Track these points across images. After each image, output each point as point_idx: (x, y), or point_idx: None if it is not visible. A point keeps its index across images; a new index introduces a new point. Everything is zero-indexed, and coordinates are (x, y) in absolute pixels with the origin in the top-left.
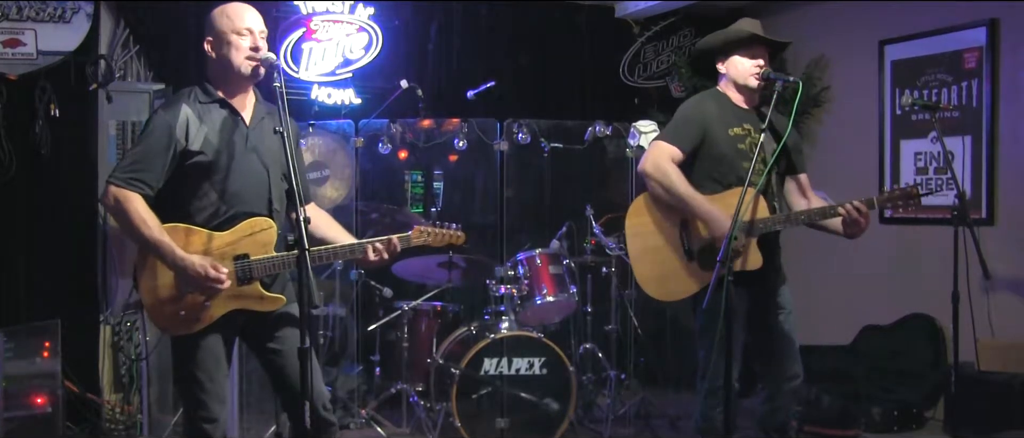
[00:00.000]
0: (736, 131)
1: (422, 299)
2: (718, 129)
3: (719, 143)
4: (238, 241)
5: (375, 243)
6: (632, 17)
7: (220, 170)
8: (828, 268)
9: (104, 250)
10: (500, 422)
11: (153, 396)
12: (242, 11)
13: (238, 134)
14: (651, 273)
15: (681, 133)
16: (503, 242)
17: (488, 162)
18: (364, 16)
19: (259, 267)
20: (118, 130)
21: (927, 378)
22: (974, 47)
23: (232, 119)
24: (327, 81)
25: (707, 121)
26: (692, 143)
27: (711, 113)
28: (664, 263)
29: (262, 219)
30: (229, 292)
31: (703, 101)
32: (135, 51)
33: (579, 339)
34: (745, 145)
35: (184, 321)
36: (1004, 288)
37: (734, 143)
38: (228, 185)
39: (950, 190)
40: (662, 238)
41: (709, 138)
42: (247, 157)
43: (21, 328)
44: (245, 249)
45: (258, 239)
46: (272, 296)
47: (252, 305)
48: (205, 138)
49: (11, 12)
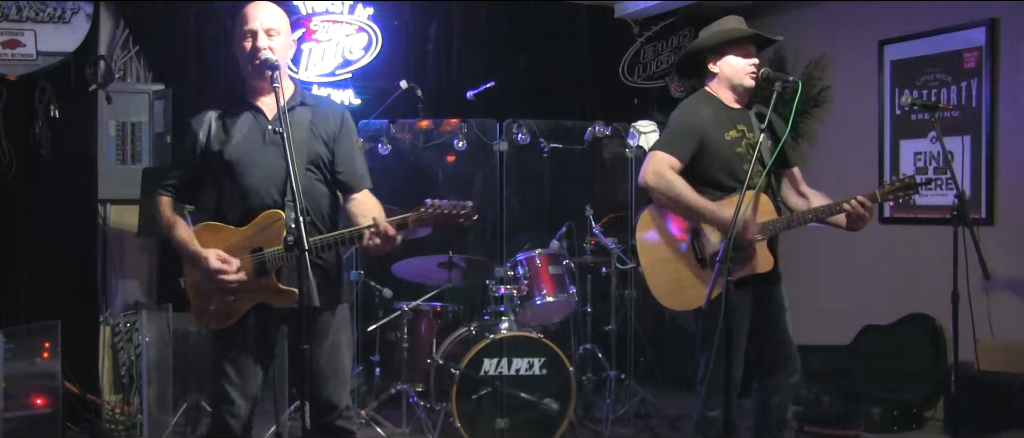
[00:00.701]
0: (732, 134)
1: (422, 299)
2: (714, 134)
3: (716, 148)
4: (255, 235)
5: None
6: (632, 17)
7: (239, 167)
8: (828, 268)
9: (104, 251)
10: (500, 422)
11: (153, 396)
12: (248, 11)
13: (257, 129)
14: (665, 284)
15: (678, 142)
16: (503, 242)
17: (488, 162)
18: (363, 16)
19: (271, 260)
20: (118, 131)
21: (927, 378)
22: (974, 47)
23: (253, 116)
24: (327, 82)
25: (703, 127)
26: (690, 151)
27: (706, 118)
28: (677, 273)
29: (273, 211)
30: (249, 286)
31: (697, 106)
32: (135, 51)
33: (579, 339)
34: (742, 147)
35: (215, 315)
36: (1004, 288)
37: (731, 147)
38: (247, 181)
39: (950, 190)
40: (673, 248)
41: (706, 144)
42: (266, 151)
43: (21, 328)
44: (260, 242)
45: (271, 232)
46: (286, 289)
47: (270, 298)
48: (225, 138)
49: (11, 13)
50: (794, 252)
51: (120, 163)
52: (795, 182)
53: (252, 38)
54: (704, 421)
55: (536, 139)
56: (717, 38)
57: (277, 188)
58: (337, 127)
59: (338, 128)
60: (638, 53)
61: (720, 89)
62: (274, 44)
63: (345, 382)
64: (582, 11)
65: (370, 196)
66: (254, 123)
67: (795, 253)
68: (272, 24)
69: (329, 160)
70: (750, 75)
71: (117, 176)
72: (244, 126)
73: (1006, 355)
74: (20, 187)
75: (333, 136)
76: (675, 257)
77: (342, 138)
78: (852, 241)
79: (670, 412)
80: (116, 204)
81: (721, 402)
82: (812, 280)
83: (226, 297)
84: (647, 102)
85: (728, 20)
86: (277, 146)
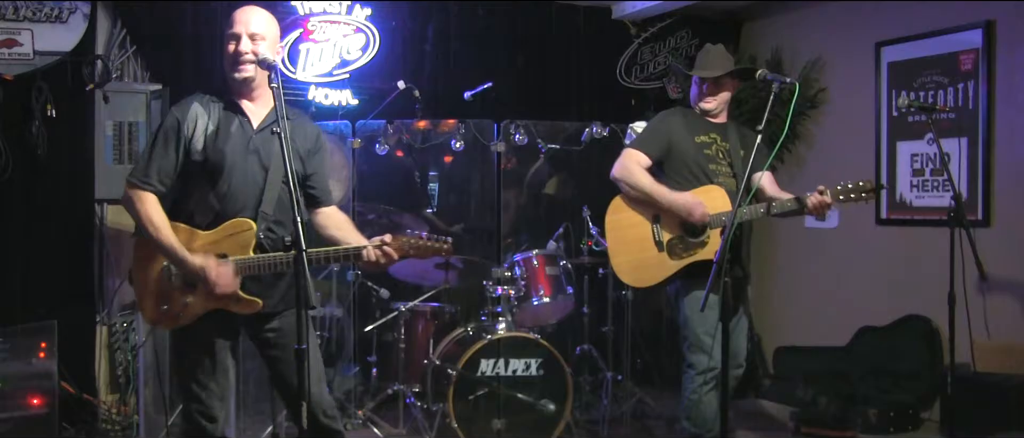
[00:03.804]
0: (702, 138)
1: (419, 300)
2: (684, 138)
3: (685, 150)
4: (220, 240)
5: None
6: (629, 18)
7: (217, 171)
8: (825, 270)
9: (101, 251)
10: (496, 423)
11: (149, 397)
12: (235, 14)
13: (240, 136)
14: (626, 263)
15: (648, 142)
16: (500, 243)
17: (485, 163)
18: (361, 17)
19: (240, 267)
20: (115, 130)
21: (923, 379)
22: (970, 49)
23: (237, 121)
24: (324, 82)
25: (672, 132)
26: (658, 151)
27: (676, 125)
28: (638, 253)
29: (243, 220)
30: (208, 290)
31: (672, 114)
32: (132, 51)
33: (576, 340)
34: (711, 151)
35: (167, 315)
36: (1000, 289)
37: (700, 149)
38: (223, 186)
39: (946, 192)
40: (636, 232)
41: (675, 147)
42: (247, 159)
43: (17, 328)
44: (225, 249)
45: (238, 239)
46: (248, 298)
47: (230, 306)
48: (207, 137)
49: (7, 12)
50: (791, 254)
51: (117, 163)
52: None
53: (235, 42)
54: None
55: (533, 140)
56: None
57: (254, 196)
58: (313, 144)
59: (313, 146)
60: (635, 54)
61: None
62: (259, 49)
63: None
64: (579, 12)
65: (338, 210)
66: (239, 130)
67: (792, 255)
68: (258, 29)
69: (302, 175)
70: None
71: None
72: (230, 131)
73: (1002, 356)
74: (17, 187)
75: (309, 152)
76: (636, 240)
77: (318, 155)
78: (849, 243)
79: (666, 413)
80: (113, 204)
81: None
82: (809, 282)
83: (185, 300)
84: (644, 103)
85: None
86: (258, 154)
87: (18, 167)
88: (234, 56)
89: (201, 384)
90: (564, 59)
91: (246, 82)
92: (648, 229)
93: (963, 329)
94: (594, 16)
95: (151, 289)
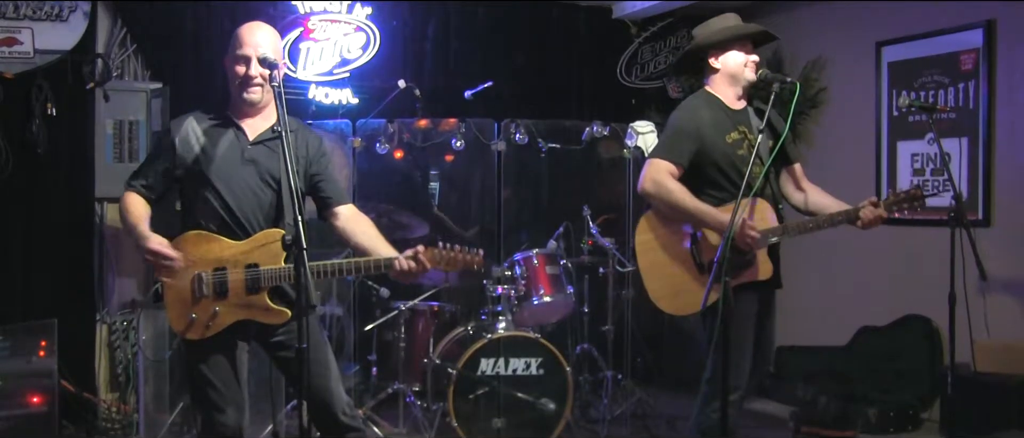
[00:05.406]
0: (733, 136)
1: (419, 299)
2: (715, 137)
3: (717, 152)
4: (251, 251)
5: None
6: (630, 18)
7: (214, 183)
8: (825, 269)
9: (101, 249)
10: (496, 422)
11: (149, 395)
12: (243, 35)
13: (234, 147)
14: (663, 288)
15: (677, 147)
16: (500, 242)
17: (485, 162)
18: (362, 16)
19: (267, 277)
20: (115, 129)
21: (924, 379)
22: (971, 49)
23: (233, 133)
24: (324, 81)
25: (702, 131)
26: (689, 156)
27: (705, 121)
28: (675, 277)
29: (275, 231)
30: (238, 301)
31: (696, 109)
32: (132, 50)
33: (576, 339)
34: (743, 150)
35: (196, 325)
36: (1000, 289)
37: (733, 149)
38: (222, 196)
39: (947, 192)
40: (671, 253)
41: (706, 148)
42: (243, 169)
43: (17, 327)
44: (256, 259)
45: (269, 250)
46: (277, 309)
47: (259, 316)
48: (201, 149)
49: (8, 11)
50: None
51: (117, 161)
52: (796, 179)
53: (246, 65)
54: (706, 421)
55: (534, 139)
56: (722, 35)
57: (249, 207)
58: (315, 151)
59: (316, 152)
60: (636, 53)
61: (721, 87)
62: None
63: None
64: (580, 11)
65: (357, 210)
66: (234, 141)
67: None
68: (267, 52)
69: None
70: (751, 70)
71: (114, 174)
72: (224, 142)
73: (1003, 356)
74: (17, 185)
75: (313, 156)
76: (673, 261)
77: (322, 159)
78: (849, 242)
79: (666, 412)
80: (113, 202)
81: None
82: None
83: (215, 309)
84: (645, 102)
85: (727, 17)
86: (254, 165)
87: (18, 165)
88: (244, 80)
89: (220, 394)
90: (564, 58)
91: (254, 103)
92: (685, 250)
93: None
94: (594, 16)
95: (179, 298)
